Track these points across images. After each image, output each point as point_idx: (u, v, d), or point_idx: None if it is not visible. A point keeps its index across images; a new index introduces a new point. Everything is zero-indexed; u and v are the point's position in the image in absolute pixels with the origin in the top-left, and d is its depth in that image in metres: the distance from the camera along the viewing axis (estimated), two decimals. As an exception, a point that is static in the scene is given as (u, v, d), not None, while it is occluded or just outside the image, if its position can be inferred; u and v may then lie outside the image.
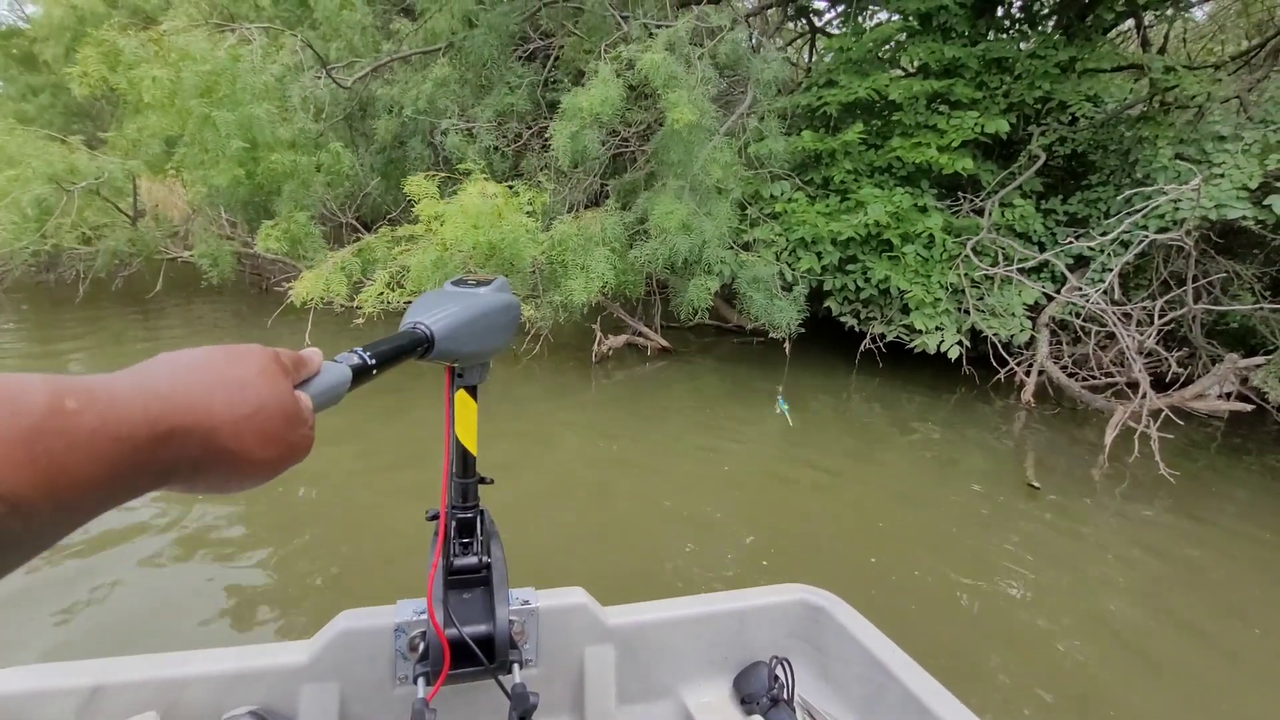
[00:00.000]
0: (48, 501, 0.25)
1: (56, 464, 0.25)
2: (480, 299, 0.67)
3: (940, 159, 5.01)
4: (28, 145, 4.85)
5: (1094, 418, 4.34)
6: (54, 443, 0.25)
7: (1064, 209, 5.31)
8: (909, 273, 4.94)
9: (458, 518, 0.82)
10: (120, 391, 0.29)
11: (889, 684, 0.93)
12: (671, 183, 4.85)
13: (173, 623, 1.99)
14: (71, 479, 0.25)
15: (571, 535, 2.64)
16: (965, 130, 5.07)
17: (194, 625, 1.99)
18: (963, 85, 5.22)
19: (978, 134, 5.07)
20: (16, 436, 0.24)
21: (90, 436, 0.26)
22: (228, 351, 0.36)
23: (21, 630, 1.92)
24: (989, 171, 5.44)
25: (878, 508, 3.13)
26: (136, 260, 5.76)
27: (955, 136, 5.08)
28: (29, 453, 0.24)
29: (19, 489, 0.23)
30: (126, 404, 0.28)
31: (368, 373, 0.47)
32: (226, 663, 0.82)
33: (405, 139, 6.01)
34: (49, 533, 0.26)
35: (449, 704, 0.85)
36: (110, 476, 0.27)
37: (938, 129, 5.23)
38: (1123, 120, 5.37)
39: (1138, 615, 2.35)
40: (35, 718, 0.75)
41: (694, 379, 5.02)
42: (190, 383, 0.32)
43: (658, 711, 0.99)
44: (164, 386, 0.31)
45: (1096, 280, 4.48)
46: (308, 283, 3.76)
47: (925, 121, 5.32)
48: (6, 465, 0.23)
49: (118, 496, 0.29)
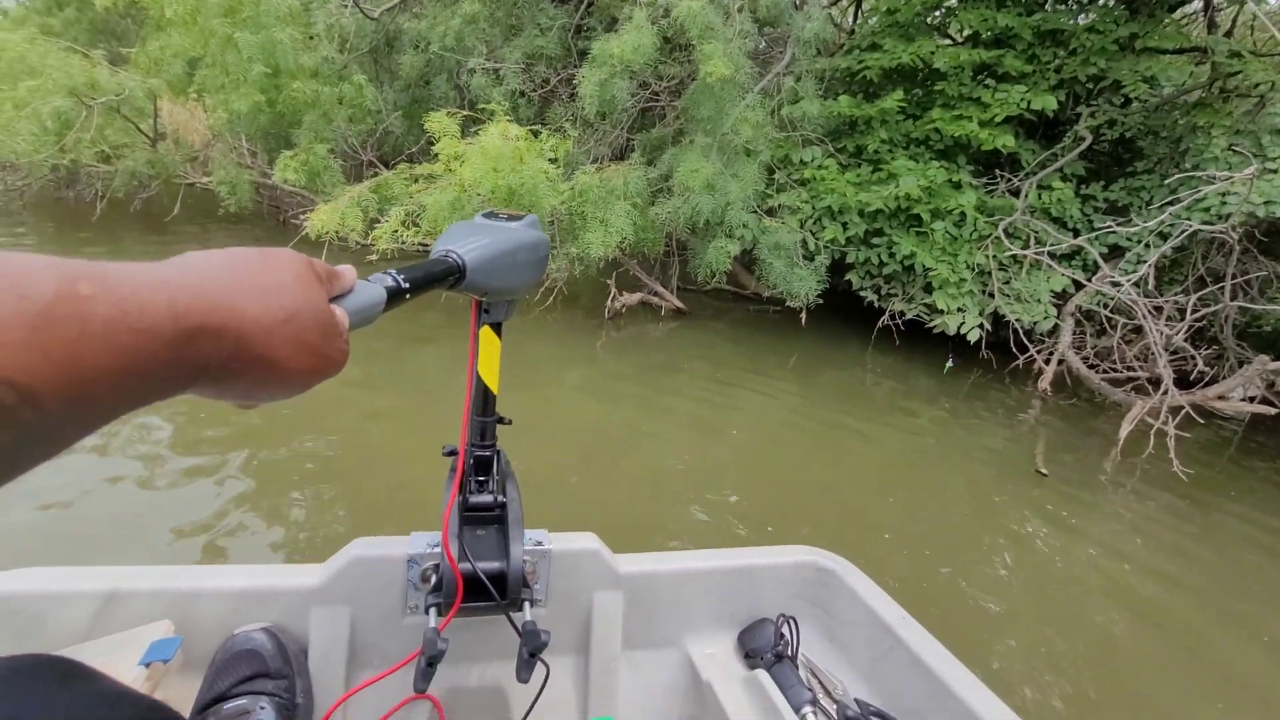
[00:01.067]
0: (61, 393, 0.23)
1: (69, 352, 0.23)
2: (512, 233, 0.65)
3: (981, 134, 4.81)
4: (49, 56, 4.77)
5: (1110, 411, 4.25)
6: (65, 329, 0.23)
7: (1104, 195, 5.10)
8: (936, 250, 4.81)
9: (475, 455, 0.81)
10: (142, 282, 0.27)
11: (896, 647, 0.93)
12: (699, 140, 4.71)
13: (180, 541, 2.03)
14: (87, 370, 0.24)
15: (573, 487, 2.65)
16: (1010, 105, 4.85)
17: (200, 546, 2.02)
18: (1013, 57, 4.98)
19: (1023, 110, 4.85)
20: (23, 321, 0.22)
21: (105, 325, 0.24)
22: (261, 254, 0.34)
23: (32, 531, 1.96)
24: (1030, 151, 5.22)
25: (882, 482, 3.10)
26: (155, 183, 5.72)
27: (999, 111, 4.86)
28: (39, 339, 0.22)
29: (29, 377, 0.22)
30: (149, 295, 0.27)
31: (401, 296, 0.46)
32: (240, 579, 0.83)
33: (430, 77, 5.87)
34: (67, 429, 0.25)
35: (459, 636, 0.86)
36: (130, 371, 0.26)
37: (981, 102, 5.00)
38: (1178, 106, 5.12)
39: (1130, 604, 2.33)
40: (54, 617, 0.76)
41: (706, 342, 4.96)
42: (220, 281, 0.31)
43: (661, 659, 1.00)
44: (192, 281, 0.29)
45: (1130, 270, 4.33)
46: (323, 215, 3.71)
47: (969, 94, 5.09)
48: (14, 350, 0.22)
49: (141, 394, 0.27)
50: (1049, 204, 4.94)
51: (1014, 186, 5.14)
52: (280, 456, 2.56)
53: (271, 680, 0.76)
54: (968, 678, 0.86)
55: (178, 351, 0.28)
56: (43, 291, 0.23)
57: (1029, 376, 4.73)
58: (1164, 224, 4.20)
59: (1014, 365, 4.67)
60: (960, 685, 0.84)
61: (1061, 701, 1.86)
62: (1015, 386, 4.76)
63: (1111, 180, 5.19)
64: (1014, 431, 3.98)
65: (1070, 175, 5.17)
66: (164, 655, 0.75)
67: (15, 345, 0.22)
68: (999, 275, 4.73)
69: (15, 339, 0.22)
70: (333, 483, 2.43)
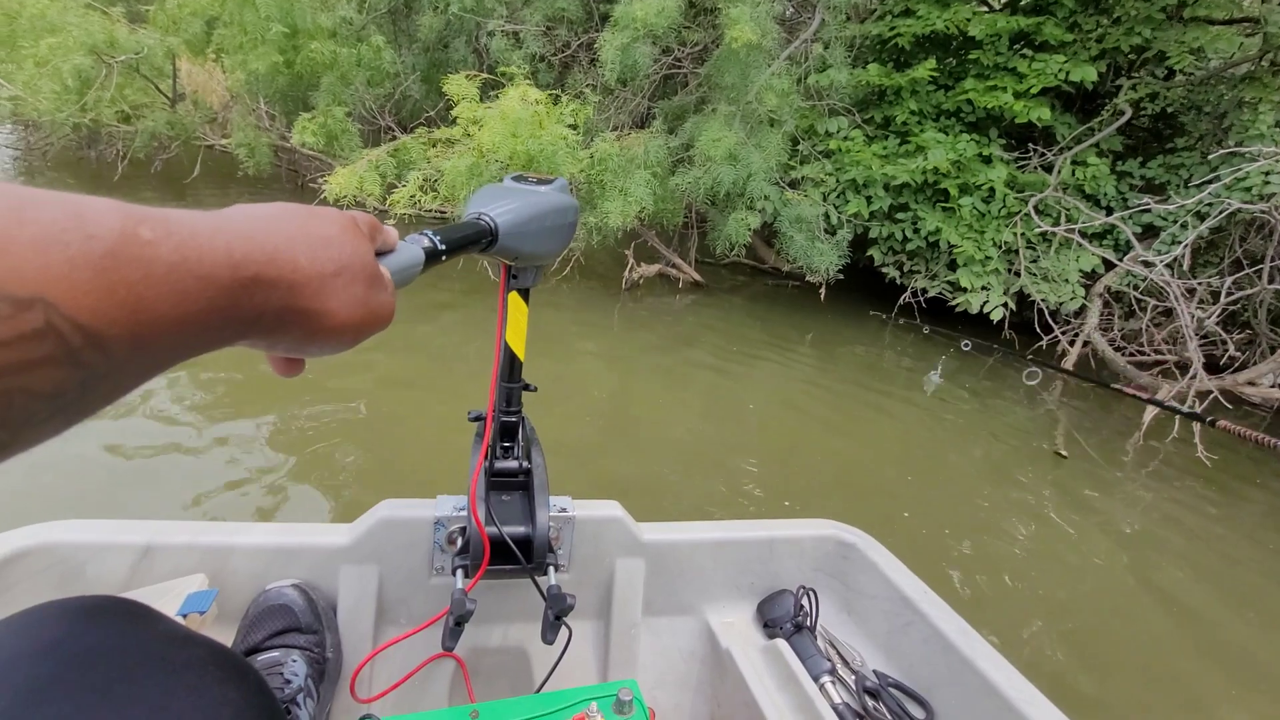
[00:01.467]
0: (127, 336, 0.23)
1: (135, 295, 0.23)
2: (543, 197, 0.64)
3: (1015, 106, 4.65)
4: (69, 13, 4.74)
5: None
6: (130, 272, 0.23)
7: (1141, 173, 4.93)
8: (962, 226, 4.69)
9: (501, 421, 0.81)
10: (201, 229, 0.27)
11: (916, 621, 0.93)
12: (722, 108, 4.60)
13: (208, 499, 2.07)
14: (151, 314, 0.24)
15: (588, 455, 2.65)
16: (1047, 76, 4.66)
17: (228, 504, 2.06)
18: (1053, 25, 4.77)
19: (1060, 81, 4.66)
20: (90, 261, 0.22)
21: (169, 270, 0.25)
22: (308, 208, 0.34)
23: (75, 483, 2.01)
24: (1066, 124, 5.04)
25: (901, 458, 3.08)
26: (175, 144, 5.72)
27: (1035, 82, 4.68)
28: (106, 280, 0.22)
29: (96, 319, 0.22)
30: (208, 242, 0.27)
31: (437, 257, 0.46)
32: (272, 536, 0.84)
33: (449, 39, 5.76)
34: (129, 374, 0.25)
35: (484, 598, 0.88)
36: (191, 317, 0.26)
37: (1017, 73, 4.82)
38: (1224, 79, 4.89)
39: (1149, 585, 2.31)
40: (94, 566, 0.78)
41: (723, 315, 4.91)
42: (274, 232, 0.31)
43: (681, 625, 1.02)
44: (246, 231, 0.29)
45: (1164, 251, 4.20)
46: (341, 178, 3.69)
47: (1005, 63, 4.90)
48: (84, 292, 0.22)
49: (198, 342, 0.27)
50: (1083, 180, 4.79)
51: (1047, 161, 4.98)
52: (305, 419, 2.59)
53: (303, 635, 0.78)
54: (989, 651, 0.85)
55: (234, 300, 0.28)
56: (109, 232, 0.23)
57: (1052, 357, 4.64)
58: (1202, 203, 4.05)
59: (1037, 346, 4.58)
60: (981, 659, 0.84)
61: (1080, 678, 1.86)
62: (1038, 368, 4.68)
63: (1150, 157, 5.01)
64: (1035, 413, 3.92)
65: (1107, 150, 4.99)
66: (201, 606, 0.77)
67: (83, 286, 0.22)
68: (1027, 253, 4.61)
69: (83, 279, 0.22)
70: (356, 445, 2.46)
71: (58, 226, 0.22)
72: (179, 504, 2.03)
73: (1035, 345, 4.60)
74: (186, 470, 2.20)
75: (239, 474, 2.21)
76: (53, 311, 0.21)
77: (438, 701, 0.87)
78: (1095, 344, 4.35)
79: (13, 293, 0.20)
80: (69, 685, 0.36)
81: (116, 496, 2.02)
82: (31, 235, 0.21)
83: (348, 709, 0.81)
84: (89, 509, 1.94)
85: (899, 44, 5.16)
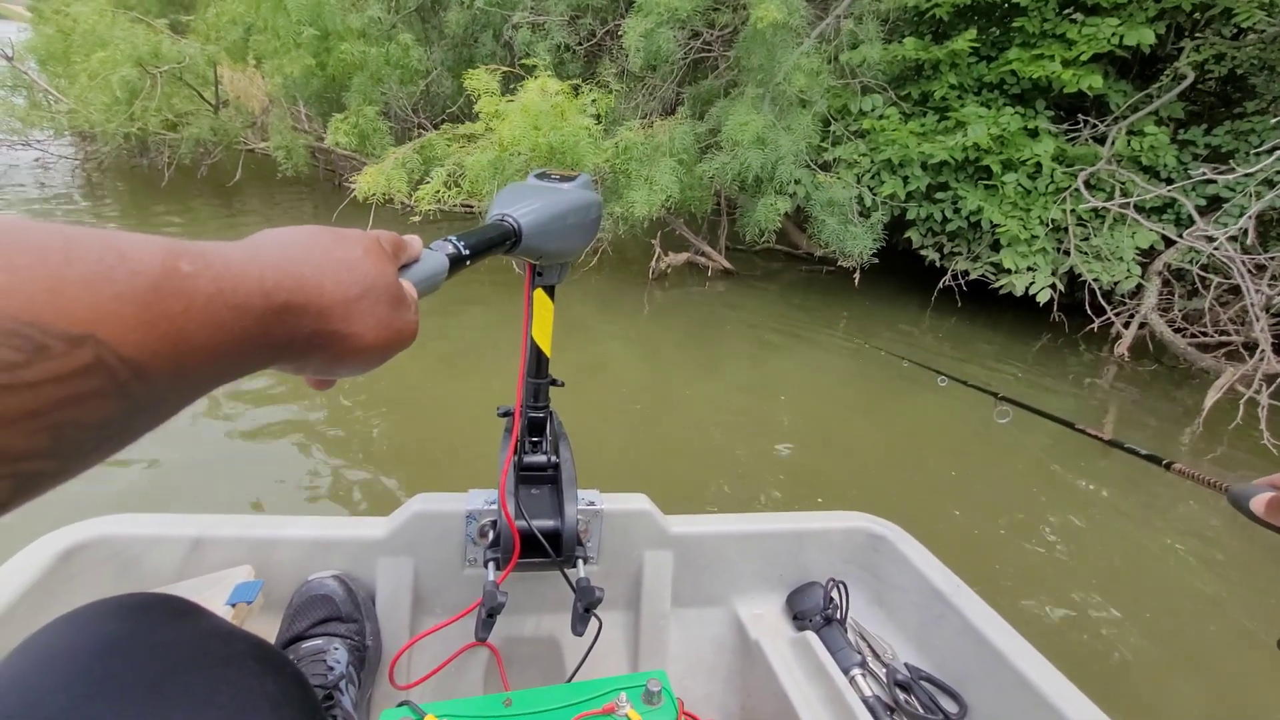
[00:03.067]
0: (170, 367, 0.24)
1: (176, 328, 0.24)
2: (565, 194, 0.65)
3: (1063, 75, 4.38)
4: (116, 27, 4.95)
5: (1196, 379, 3.91)
6: (172, 305, 0.24)
7: (1205, 141, 4.58)
8: (1005, 204, 4.46)
9: (529, 416, 0.84)
10: (234, 260, 0.28)
11: (948, 614, 0.92)
12: (750, 91, 4.48)
13: (248, 495, 2.15)
14: (191, 345, 0.25)
15: (617, 448, 2.64)
16: (1099, 41, 4.37)
17: (267, 501, 2.13)
18: (1104, -15, 4.47)
19: (1114, 46, 4.36)
20: (136, 297, 0.23)
21: (207, 301, 0.26)
22: (332, 232, 0.36)
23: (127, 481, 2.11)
24: (1120, 92, 4.72)
25: (940, 447, 2.96)
26: (218, 149, 5.93)
27: (1086, 49, 4.39)
28: (150, 314, 0.23)
29: (140, 352, 0.23)
30: (242, 272, 0.28)
31: (461, 262, 0.47)
32: (313, 530, 0.88)
33: (476, 34, 5.78)
34: (170, 402, 0.26)
35: (516, 590, 0.90)
36: (227, 345, 0.27)
37: (1065, 39, 4.53)
38: (1301, 34, 4.49)
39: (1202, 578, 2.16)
40: (148, 558, 0.83)
41: (754, 304, 4.81)
42: (301, 259, 0.32)
43: (710, 616, 1.02)
44: (276, 259, 0.30)
45: (1229, 223, 3.90)
46: (369, 177, 3.75)
47: (1052, 29, 4.62)
48: (130, 327, 0.23)
49: (234, 369, 0.28)
50: (1140, 151, 4.48)
51: (1099, 133, 4.68)
52: (337, 417, 2.65)
53: (343, 624, 0.82)
54: (1024, 646, 0.84)
55: (266, 327, 0.29)
56: (150, 268, 0.24)
57: (1105, 341, 4.39)
58: (1271, 169, 3.74)
59: (1089, 328, 4.34)
60: (1016, 653, 0.82)
61: (1126, 674, 1.76)
62: (1090, 351, 4.44)
63: (1216, 123, 4.65)
64: (1085, 399, 3.72)
65: (1167, 118, 4.66)
66: (248, 596, 0.80)
67: (130, 321, 0.23)
68: (1077, 230, 4.36)
69: (130, 314, 0.23)
70: (387, 440, 2.51)
71: (104, 264, 0.23)
72: (219, 499, 2.10)
73: (1086, 328, 4.36)
74: (220, 467, 2.28)
75: (272, 473, 2.28)
76: (102, 347, 0.22)
77: (473, 689, 0.90)
78: (1153, 325, 4.09)
79: (65, 330, 0.21)
80: (124, 681, 0.38)
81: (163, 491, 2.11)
82: (80, 274, 0.22)
83: (387, 695, 0.84)
84: (140, 504, 2.03)
85: (937, 15, 4.92)
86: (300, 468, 2.30)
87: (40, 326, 0.20)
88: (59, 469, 0.23)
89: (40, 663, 0.39)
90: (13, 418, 0.20)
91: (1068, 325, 4.52)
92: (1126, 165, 4.49)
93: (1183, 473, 0.87)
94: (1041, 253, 4.37)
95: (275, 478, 2.25)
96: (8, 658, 0.40)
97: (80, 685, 0.37)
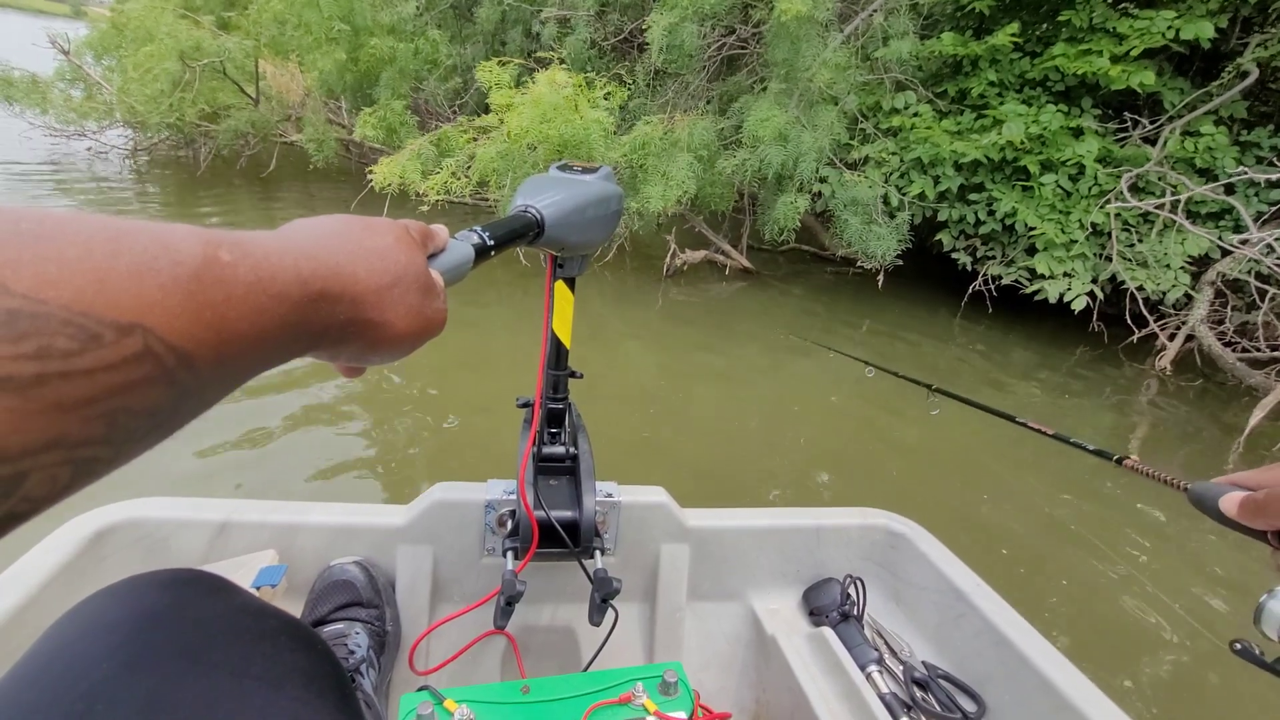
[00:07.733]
0: (213, 355, 0.25)
1: (218, 316, 0.25)
2: (587, 186, 0.65)
3: (1111, 71, 4.11)
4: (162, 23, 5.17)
5: (1244, 398, 3.61)
6: (214, 294, 0.25)
7: (1271, 142, 4.25)
8: (1043, 207, 4.23)
9: (548, 408, 0.84)
10: (271, 249, 0.28)
11: (968, 613, 0.91)
12: (773, 86, 4.37)
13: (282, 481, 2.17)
14: (232, 333, 0.25)
15: (630, 443, 2.58)
16: (1153, 35, 4.09)
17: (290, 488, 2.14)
18: (1161, -25, 4.19)
19: (1169, 40, 4.08)
20: (180, 286, 0.24)
21: (247, 290, 0.26)
22: (362, 221, 0.36)
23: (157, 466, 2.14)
24: (1177, 90, 4.42)
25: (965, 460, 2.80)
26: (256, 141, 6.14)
27: (1138, 43, 4.12)
28: (194, 303, 0.24)
29: (185, 340, 0.24)
30: (279, 261, 0.28)
31: (486, 252, 0.47)
32: (336, 516, 0.90)
33: (506, 29, 5.83)
34: (213, 390, 0.27)
35: (533, 578, 0.91)
36: (267, 333, 0.27)
37: (1116, 33, 4.27)
38: (1383, 27, 4.12)
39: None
40: (176, 541, 0.86)
41: (773, 304, 4.69)
42: (334, 248, 0.33)
43: (726, 610, 1.02)
44: (310, 248, 0.31)
45: (1291, 232, 3.60)
46: (385, 168, 3.80)
47: (1102, 23, 4.35)
48: (175, 315, 0.23)
49: (273, 356, 0.29)
50: (1194, 152, 4.18)
51: (1150, 133, 4.39)
52: (359, 405, 2.67)
53: (364, 609, 0.84)
54: (1045, 646, 0.83)
55: (303, 315, 0.29)
56: (193, 258, 0.24)
57: (1147, 354, 4.11)
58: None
59: (1129, 340, 4.07)
60: (1037, 654, 0.81)
61: (1151, 688, 1.63)
62: (1131, 364, 4.16)
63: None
64: (1122, 416, 3.49)
65: (1228, 118, 4.34)
66: (272, 580, 0.83)
67: (175, 309, 0.23)
68: (1121, 236, 4.09)
69: (174, 303, 0.23)
70: (407, 428, 2.51)
71: (149, 255, 0.23)
72: (243, 484, 2.11)
73: (1127, 339, 4.09)
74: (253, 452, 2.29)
75: (296, 460, 2.28)
76: (150, 335, 0.22)
77: (490, 675, 0.91)
78: (1201, 338, 3.81)
79: (115, 320, 0.21)
80: (165, 651, 0.40)
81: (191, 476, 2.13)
82: (127, 265, 0.22)
83: (406, 679, 0.85)
84: (168, 487, 2.05)
85: (977, 9, 4.70)
86: (322, 455, 2.32)
87: (92, 316, 0.21)
88: (113, 455, 0.23)
89: (85, 633, 0.40)
90: (70, 405, 0.21)
91: (1107, 336, 4.26)
92: (1180, 168, 4.19)
93: (1136, 469, 0.78)
94: (1080, 258, 4.12)
95: (298, 464, 2.27)
96: (52, 628, 0.42)
97: (123, 654, 0.38)
